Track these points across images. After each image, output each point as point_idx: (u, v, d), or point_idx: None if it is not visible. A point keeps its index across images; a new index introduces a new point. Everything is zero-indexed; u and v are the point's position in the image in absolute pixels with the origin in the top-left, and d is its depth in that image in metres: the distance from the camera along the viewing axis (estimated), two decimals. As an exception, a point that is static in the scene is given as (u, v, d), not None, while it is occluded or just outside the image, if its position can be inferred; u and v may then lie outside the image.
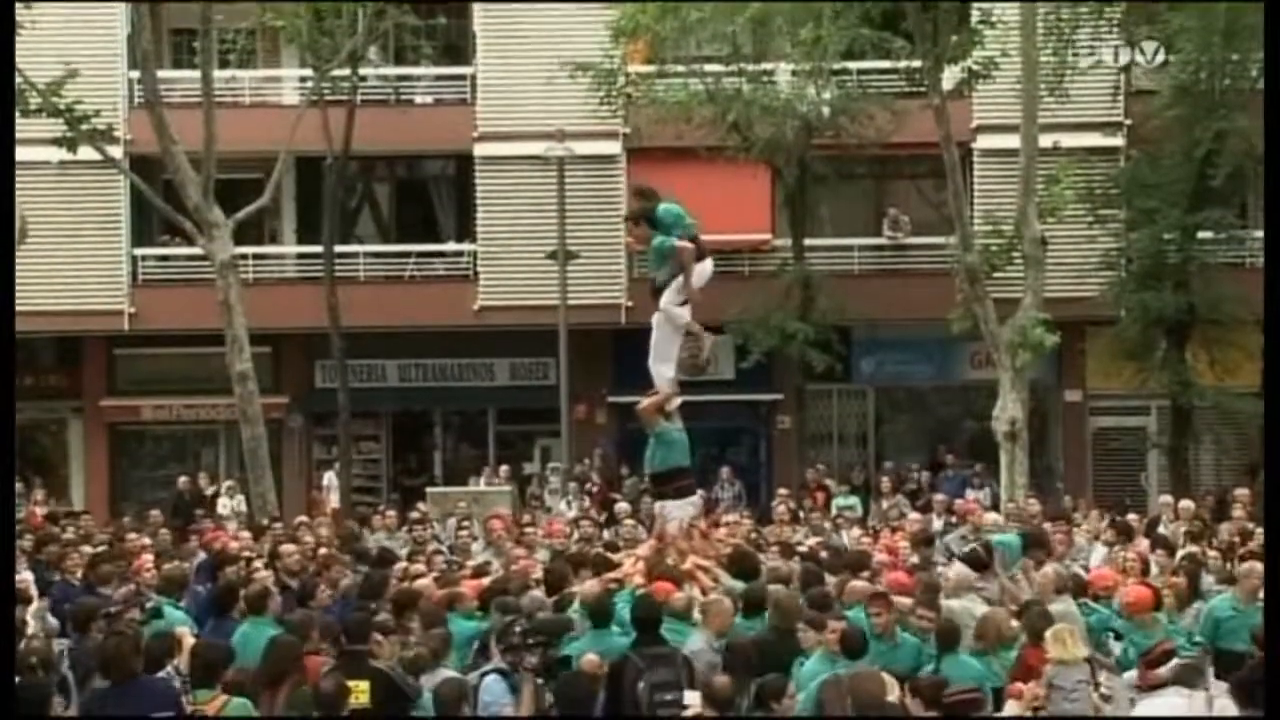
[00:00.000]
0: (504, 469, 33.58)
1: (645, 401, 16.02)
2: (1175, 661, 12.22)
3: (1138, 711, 11.00)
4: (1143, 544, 19.06)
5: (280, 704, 11.10)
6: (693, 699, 10.57)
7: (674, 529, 15.78)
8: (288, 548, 17.62)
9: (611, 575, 15.21)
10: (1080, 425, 36.36)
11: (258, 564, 17.43)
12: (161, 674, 11.53)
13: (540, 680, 11.02)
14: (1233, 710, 10.60)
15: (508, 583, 14.84)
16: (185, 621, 14.44)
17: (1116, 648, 14.06)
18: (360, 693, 11.31)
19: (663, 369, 15.89)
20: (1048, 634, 11.68)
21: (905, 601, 13.62)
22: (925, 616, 13.10)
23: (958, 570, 15.12)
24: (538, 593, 14.16)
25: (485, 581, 15.22)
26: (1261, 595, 13.85)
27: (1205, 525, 21.11)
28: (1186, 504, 22.93)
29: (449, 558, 18.69)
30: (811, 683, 11.32)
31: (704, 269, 16.00)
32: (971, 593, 14.47)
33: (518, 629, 11.91)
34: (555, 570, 15.21)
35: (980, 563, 15.32)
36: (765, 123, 32.59)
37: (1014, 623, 13.07)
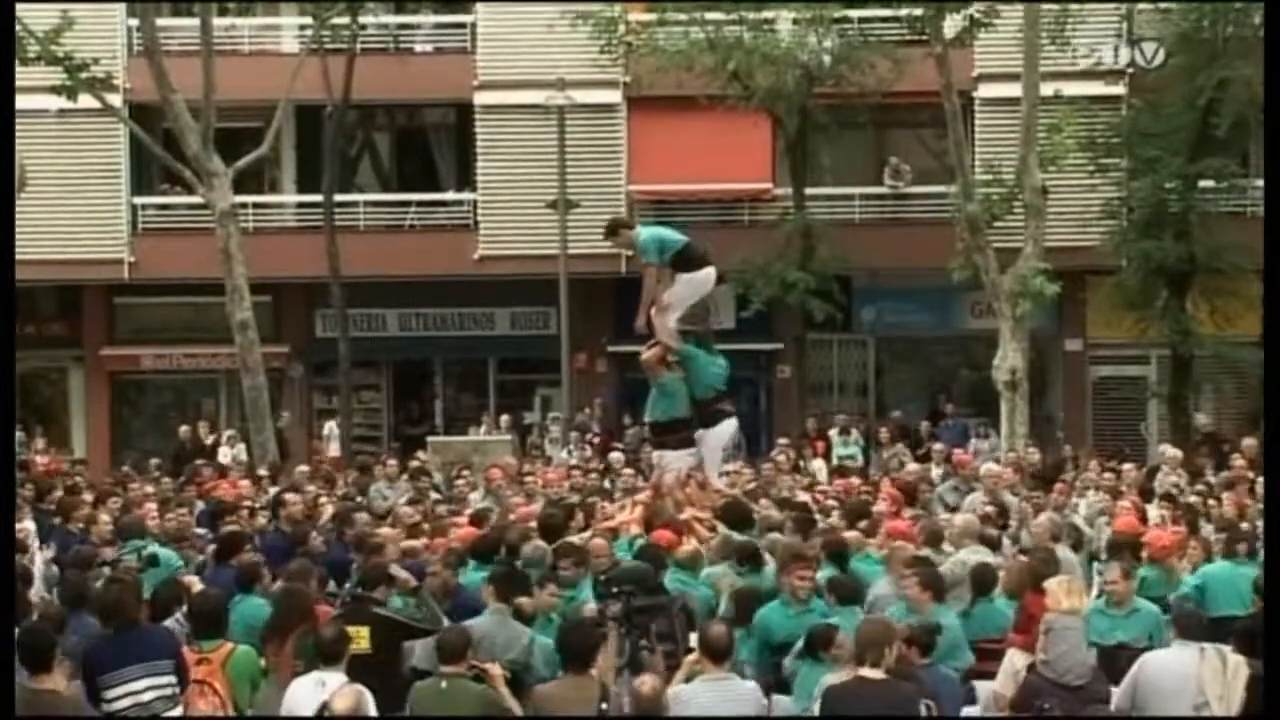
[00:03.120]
0: (505, 418, 33.61)
1: (648, 352, 16.05)
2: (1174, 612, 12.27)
3: (1140, 664, 10.98)
4: (1135, 494, 19.12)
5: (288, 653, 11.15)
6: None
7: (671, 479, 15.83)
8: (291, 496, 17.70)
9: (607, 524, 15.25)
10: (1080, 374, 36.36)
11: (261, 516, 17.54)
12: (169, 621, 11.57)
13: (624, 630, 10.99)
14: (1233, 663, 10.60)
15: (506, 531, 14.87)
16: (180, 567, 14.52)
17: None
18: (360, 639, 11.36)
19: (665, 319, 15.92)
20: (1050, 583, 11.70)
21: (908, 548, 13.63)
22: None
23: (964, 519, 15.09)
24: (540, 541, 14.18)
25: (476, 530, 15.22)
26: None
27: (1198, 474, 21.18)
28: (1174, 452, 22.91)
29: (450, 507, 18.73)
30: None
31: (706, 277, 16.03)
32: (976, 541, 14.42)
33: (601, 579, 11.93)
34: (551, 518, 15.21)
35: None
36: (766, 71, 32.46)
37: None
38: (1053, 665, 10.55)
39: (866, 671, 9.82)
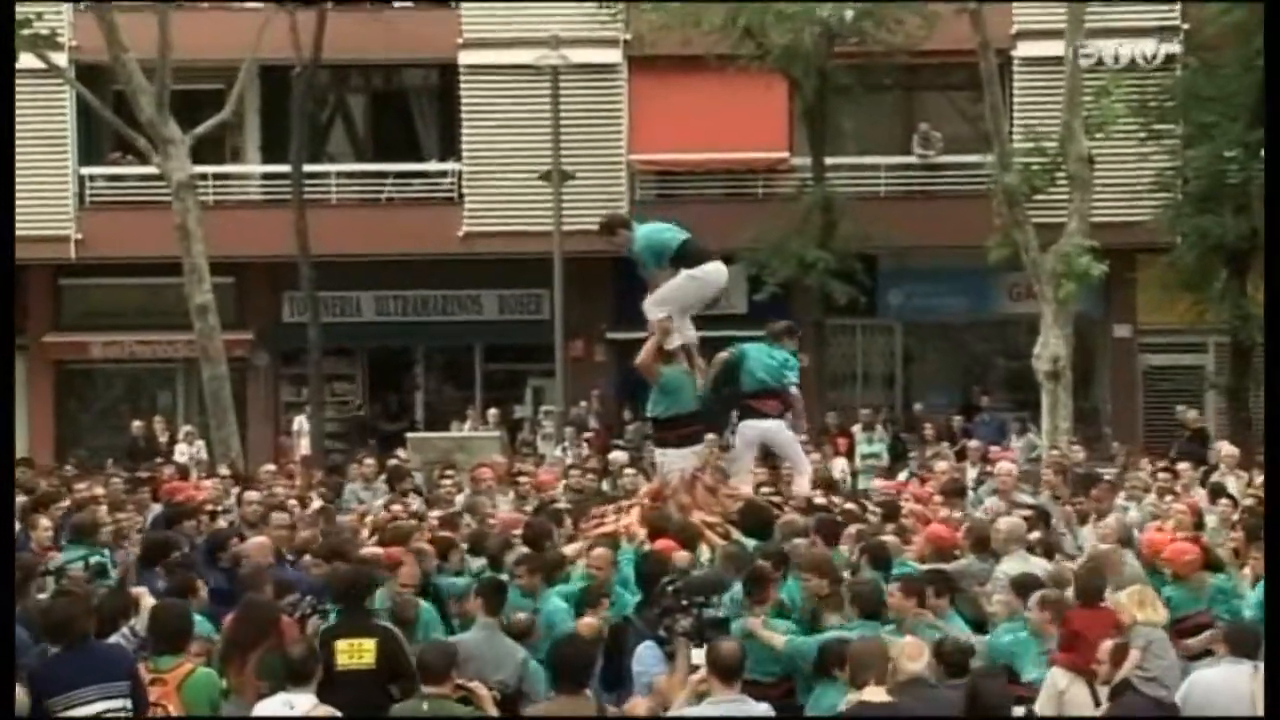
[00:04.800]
0: (493, 412, 33.60)
1: (641, 354, 16.04)
2: (1215, 629, 12.25)
3: (1190, 683, 10.99)
4: (1195, 495, 19.06)
5: (250, 672, 11.14)
6: (700, 657, 10.58)
7: (675, 480, 15.78)
8: (250, 495, 17.75)
9: (603, 530, 15.22)
10: (1130, 363, 36.37)
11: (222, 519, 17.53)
12: (116, 636, 11.55)
13: (695, 644, 10.97)
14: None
15: (484, 538, 14.80)
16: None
17: None
18: (364, 652, 11.37)
19: (655, 309, 15.88)
20: (1120, 596, 11.67)
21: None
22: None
23: (1009, 522, 14.94)
24: (525, 549, 14.16)
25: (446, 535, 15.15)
26: None
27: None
28: (1231, 449, 22.86)
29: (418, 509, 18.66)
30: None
31: (715, 272, 15.95)
32: (1023, 547, 14.32)
33: (670, 589, 11.95)
34: (537, 525, 15.15)
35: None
36: (782, 28, 32.44)
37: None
38: (1160, 681, 10.55)
39: (869, 694, 9.86)
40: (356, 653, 11.22)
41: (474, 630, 11.96)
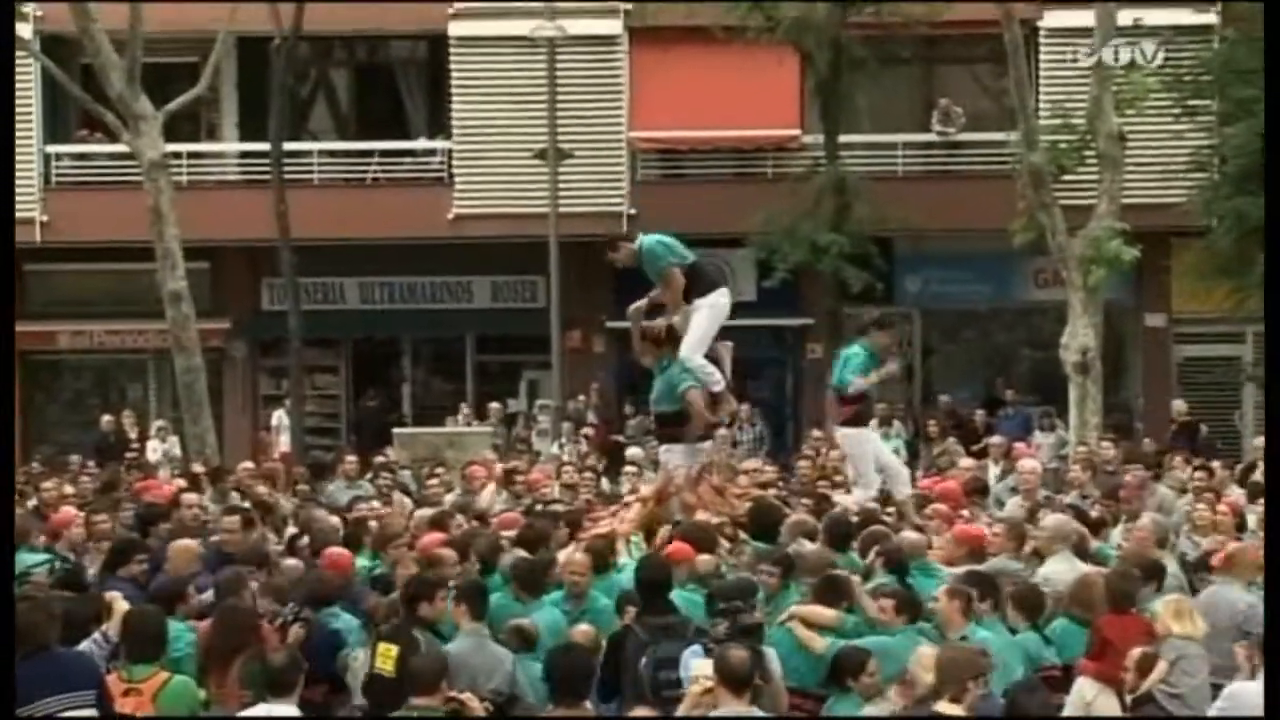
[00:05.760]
0: (495, 406, 33.52)
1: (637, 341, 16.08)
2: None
3: (1231, 695, 10.98)
4: (1235, 495, 19.05)
5: (232, 681, 11.16)
6: (703, 668, 10.57)
7: (679, 478, 15.78)
8: (189, 497, 17.92)
9: (598, 533, 15.21)
10: (1164, 355, 36.39)
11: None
12: (86, 643, 11.56)
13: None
14: None
15: (471, 540, 14.82)
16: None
17: None
18: (387, 657, 11.56)
19: (697, 355, 15.84)
20: (1156, 605, 11.64)
21: None
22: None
23: (1055, 519, 14.82)
24: (522, 552, 14.16)
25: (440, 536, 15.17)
26: None
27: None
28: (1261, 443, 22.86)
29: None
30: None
31: (724, 302, 15.93)
32: (1069, 547, 14.20)
33: (705, 593, 12.01)
34: (533, 528, 15.15)
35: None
36: (793, -3, 32.54)
37: None
38: (1186, 700, 10.55)
39: (945, 707, 9.82)
40: (383, 656, 11.49)
41: (460, 638, 11.95)
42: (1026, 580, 13.30)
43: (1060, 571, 13.45)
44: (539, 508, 17.73)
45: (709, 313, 15.84)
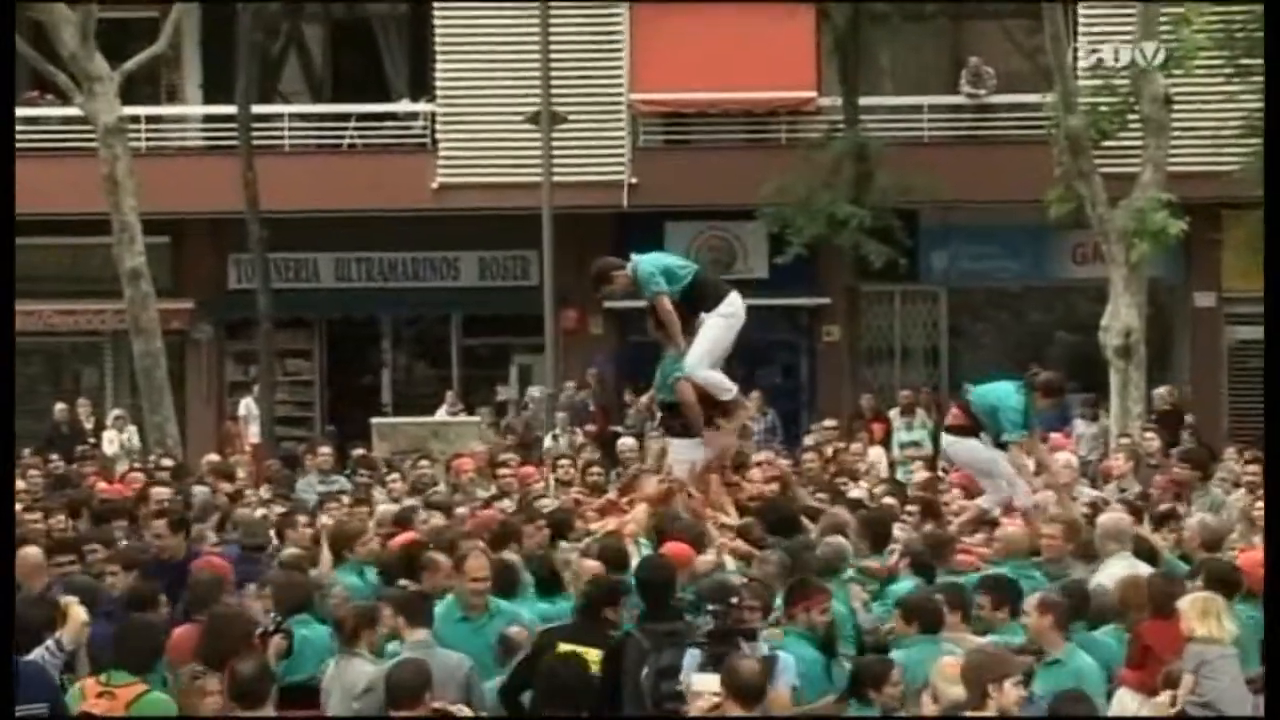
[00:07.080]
0: (484, 410, 33.53)
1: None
2: None
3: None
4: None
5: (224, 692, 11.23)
6: (707, 683, 10.62)
7: (682, 473, 15.82)
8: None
9: (607, 531, 15.24)
10: (1214, 337, 36.42)
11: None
12: (39, 651, 11.61)
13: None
14: None
15: (437, 538, 14.78)
16: None
17: None
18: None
19: (703, 368, 15.88)
20: (1181, 603, 11.64)
21: None
22: None
23: (1111, 518, 14.72)
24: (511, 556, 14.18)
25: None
26: None
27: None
28: None
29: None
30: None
31: (739, 309, 15.94)
32: (1127, 548, 13.98)
33: (686, 597, 12.08)
34: (506, 525, 15.15)
35: None
36: (808, -54, 32.58)
37: None
38: (1213, 705, 10.59)
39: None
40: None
41: (406, 650, 11.84)
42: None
43: (1122, 573, 13.18)
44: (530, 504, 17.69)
45: (721, 322, 15.93)
